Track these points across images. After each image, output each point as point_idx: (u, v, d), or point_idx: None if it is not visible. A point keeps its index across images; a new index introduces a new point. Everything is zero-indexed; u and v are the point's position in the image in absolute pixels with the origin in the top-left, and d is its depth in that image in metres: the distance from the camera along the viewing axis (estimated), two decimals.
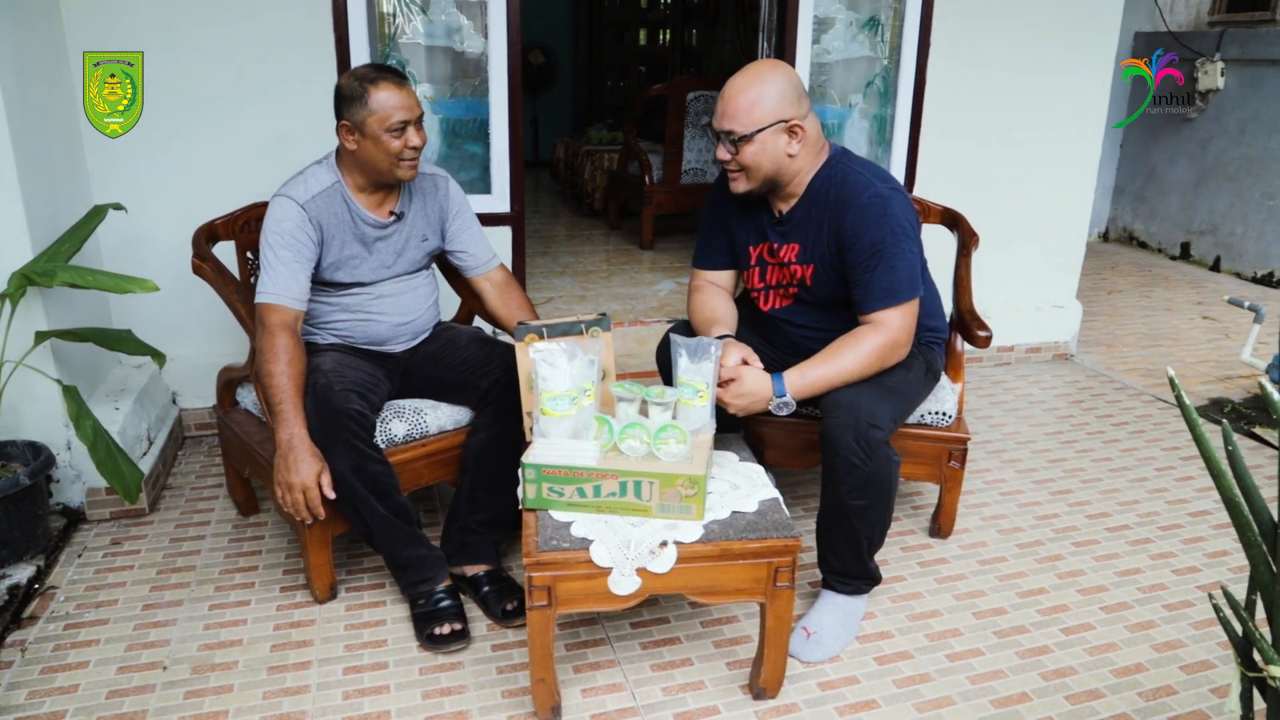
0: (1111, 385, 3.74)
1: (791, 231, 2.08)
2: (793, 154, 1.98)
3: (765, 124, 1.93)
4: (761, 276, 2.18)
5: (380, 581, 2.22)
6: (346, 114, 2.01)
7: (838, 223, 1.98)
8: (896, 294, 1.95)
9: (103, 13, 2.66)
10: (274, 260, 2.02)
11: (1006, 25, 3.52)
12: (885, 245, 1.93)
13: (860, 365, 1.96)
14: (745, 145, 1.95)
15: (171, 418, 2.94)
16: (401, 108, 2.00)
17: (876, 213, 1.94)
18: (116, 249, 2.83)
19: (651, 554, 1.65)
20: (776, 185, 2.03)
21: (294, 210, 2.03)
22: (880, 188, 1.97)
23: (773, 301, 2.18)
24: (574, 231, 5.69)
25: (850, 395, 1.93)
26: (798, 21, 3.25)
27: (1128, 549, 2.48)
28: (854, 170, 2.01)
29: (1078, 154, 3.82)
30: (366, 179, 2.09)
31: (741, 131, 1.93)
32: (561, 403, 1.75)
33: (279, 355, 1.93)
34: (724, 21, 8.15)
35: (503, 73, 3.04)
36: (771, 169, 1.99)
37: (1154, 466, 3.00)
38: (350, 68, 2.86)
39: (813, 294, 2.09)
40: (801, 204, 2.05)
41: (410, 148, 2.03)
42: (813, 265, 2.06)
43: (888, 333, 1.96)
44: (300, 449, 1.86)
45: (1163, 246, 6.10)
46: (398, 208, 2.17)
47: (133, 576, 2.24)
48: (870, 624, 2.12)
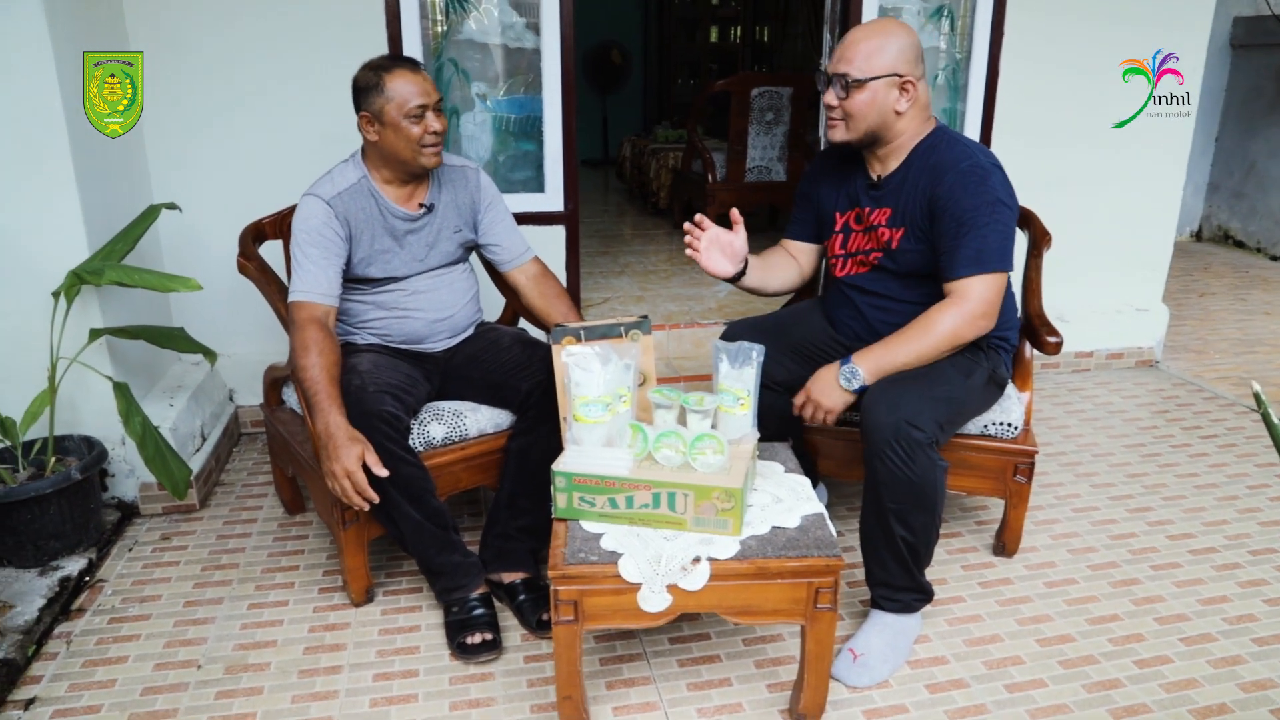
0: (1200, 395, 3.50)
1: (886, 196, 2.03)
2: (900, 111, 1.94)
3: (880, 73, 1.90)
4: (844, 244, 2.14)
5: (417, 585, 2.19)
6: (364, 105, 2.00)
7: (933, 187, 1.94)
8: (984, 261, 1.88)
9: (158, 7, 2.70)
10: (302, 258, 2.01)
11: (1086, 14, 3.32)
12: (980, 212, 1.88)
13: (938, 340, 1.90)
14: (856, 91, 1.92)
15: (227, 414, 2.97)
16: (418, 92, 1.98)
17: (975, 181, 1.89)
18: (176, 246, 2.88)
19: (683, 570, 1.56)
20: (876, 140, 1.99)
21: (320, 207, 2.02)
22: (982, 159, 1.94)
23: (849, 268, 2.14)
24: (637, 231, 5.64)
25: (893, 392, 1.85)
26: (862, 12, 3.12)
27: (1213, 574, 2.29)
28: (958, 141, 1.99)
29: (1166, 148, 3.59)
30: (392, 171, 2.07)
31: (856, 75, 1.91)
32: (594, 409, 1.69)
33: (309, 348, 1.92)
34: (795, 16, 7.99)
35: (556, 69, 2.99)
36: (876, 122, 1.95)
37: (1245, 484, 2.78)
38: None
39: (896, 259, 2.04)
40: (901, 169, 2.01)
41: (431, 132, 2.01)
42: (903, 229, 2.00)
43: (968, 304, 1.89)
44: (338, 435, 1.83)
45: (1262, 246, 5.73)
46: (427, 199, 2.14)
47: (178, 572, 2.26)
48: (923, 647, 2.00)
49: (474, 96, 3.04)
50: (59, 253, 2.27)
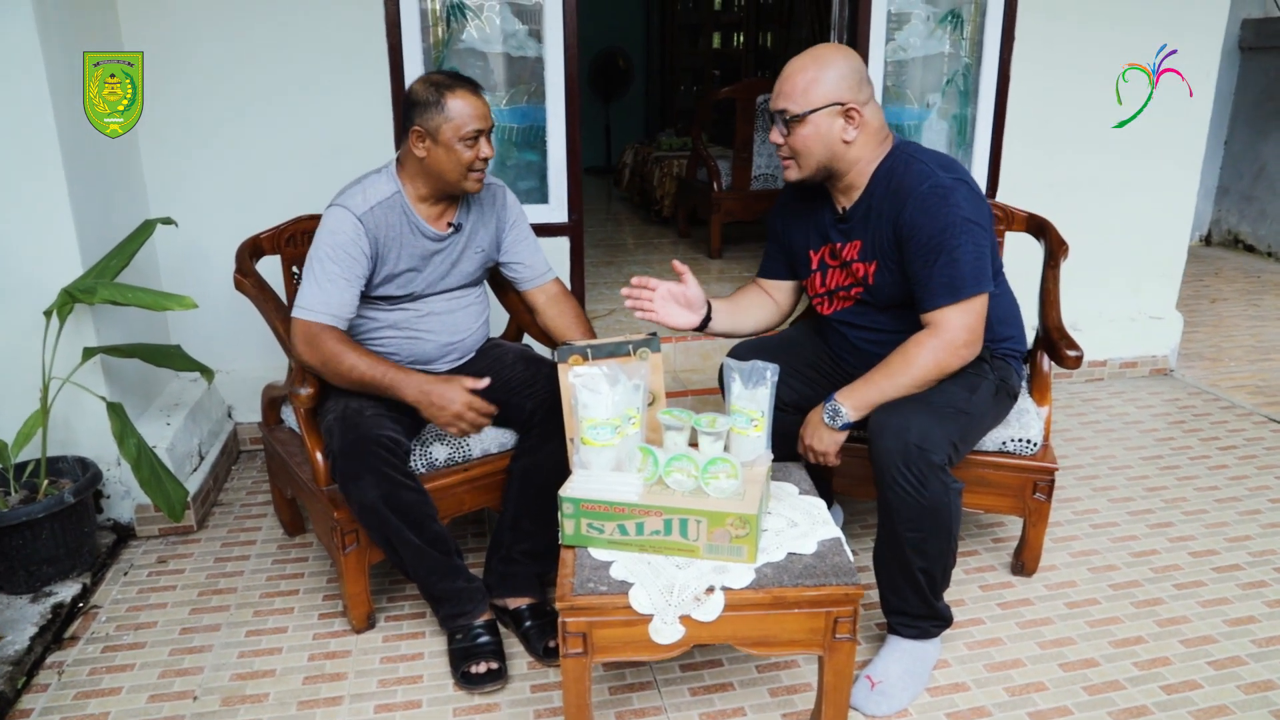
0: (1217, 404, 3.44)
1: (854, 228, 1.95)
2: (848, 140, 1.85)
3: (820, 105, 1.82)
4: (823, 281, 2.05)
5: (420, 610, 2.13)
6: (419, 120, 1.92)
7: (896, 214, 1.84)
8: (958, 289, 1.78)
9: (155, 16, 2.64)
10: (320, 274, 1.93)
11: (1097, 20, 3.26)
12: (946, 236, 1.77)
13: (914, 375, 1.81)
14: (798, 126, 1.84)
15: (225, 432, 2.91)
16: (477, 117, 1.92)
17: (937, 202, 1.79)
18: (174, 262, 2.83)
19: (697, 600, 1.50)
20: (833, 175, 1.91)
21: (350, 222, 1.94)
22: (942, 177, 1.82)
23: (834, 305, 2.06)
24: (641, 240, 5.57)
25: (899, 417, 1.77)
26: (870, 17, 3.07)
27: (1238, 593, 2.23)
28: (917, 160, 1.87)
29: (1179, 153, 3.53)
30: (430, 189, 2.01)
31: (795, 111, 1.83)
32: (603, 431, 1.63)
33: (341, 353, 1.88)
34: (799, 22, 7.94)
35: (559, 77, 2.94)
36: (825, 155, 1.87)
37: (1268, 497, 2.71)
38: (402, 76, 2.81)
39: (875, 294, 1.95)
40: (864, 198, 1.92)
41: (481, 159, 1.95)
42: (875, 261, 1.92)
43: (946, 335, 1.79)
44: (432, 387, 1.86)
45: (1273, 250, 5.66)
46: (456, 219, 2.08)
47: (174, 597, 2.20)
48: (943, 673, 1.93)
49: None
50: (51, 269, 2.22)
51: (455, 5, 2.85)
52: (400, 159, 2.03)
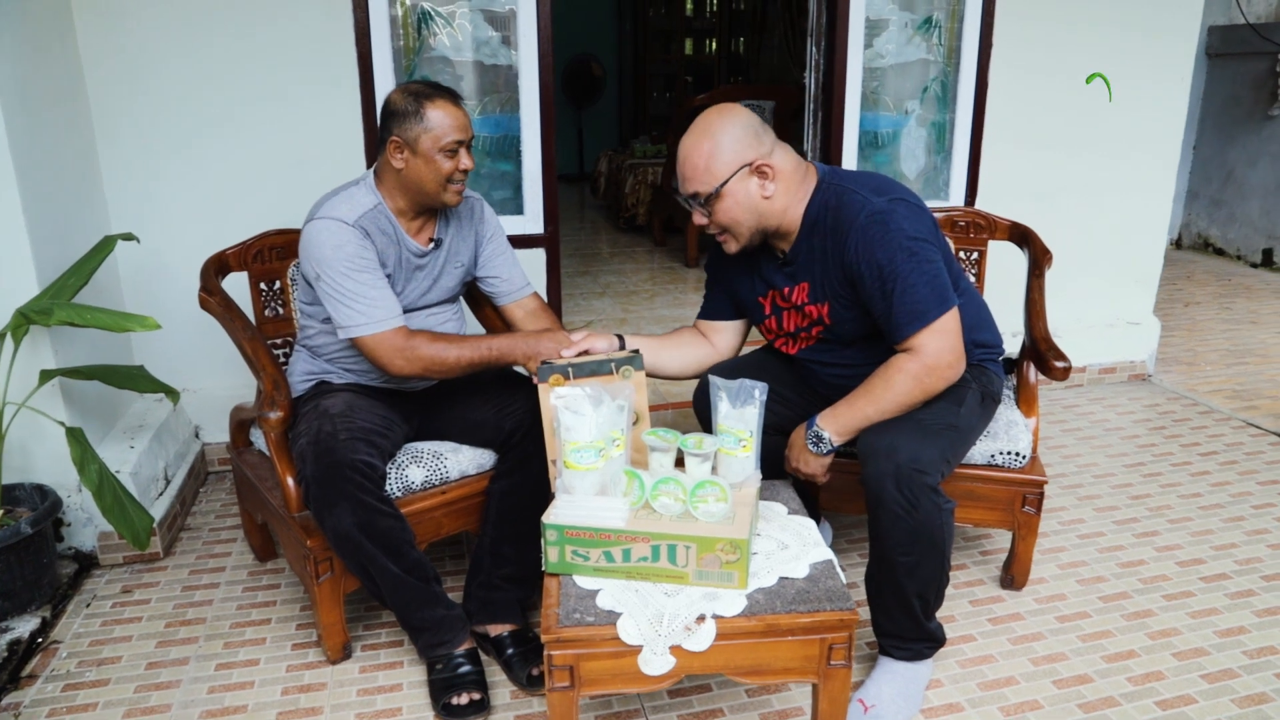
0: (1195, 409, 3.44)
1: (799, 271, 1.88)
2: (768, 195, 1.79)
3: (727, 175, 1.76)
4: (779, 325, 1.99)
5: (398, 639, 2.05)
6: (398, 130, 1.86)
7: (840, 251, 1.78)
8: (924, 315, 1.72)
9: (116, 27, 2.55)
10: (359, 287, 1.83)
11: (1075, 24, 3.26)
12: (897, 265, 1.71)
13: (898, 398, 1.76)
14: (716, 204, 1.78)
15: (193, 454, 2.82)
16: (458, 128, 1.86)
17: (878, 232, 1.73)
18: (137, 279, 2.73)
19: (688, 630, 1.45)
20: (768, 232, 1.85)
21: (346, 231, 1.85)
22: (877, 203, 1.75)
23: (798, 345, 2.00)
24: (616, 249, 5.53)
25: (888, 438, 1.72)
26: (848, 24, 3.04)
27: (1228, 604, 2.21)
28: (847, 189, 1.79)
29: (1155, 159, 3.53)
30: (409, 202, 1.94)
31: (706, 191, 1.77)
32: (586, 455, 1.57)
33: (441, 350, 1.87)
34: (771, 28, 7.94)
35: (534, 86, 2.88)
36: (753, 219, 1.81)
37: (1250, 504, 2.71)
38: (372, 85, 2.74)
39: (835, 332, 1.90)
40: (802, 238, 1.85)
41: (461, 171, 1.89)
42: (827, 303, 1.86)
43: (925, 359, 1.74)
44: (539, 344, 1.88)
45: (1242, 253, 5.72)
46: (436, 234, 2.02)
47: (140, 630, 2.11)
48: (936, 693, 1.89)
49: None
50: (5, 289, 2.13)
51: (426, 12, 2.79)
52: (378, 171, 1.96)
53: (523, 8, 2.80)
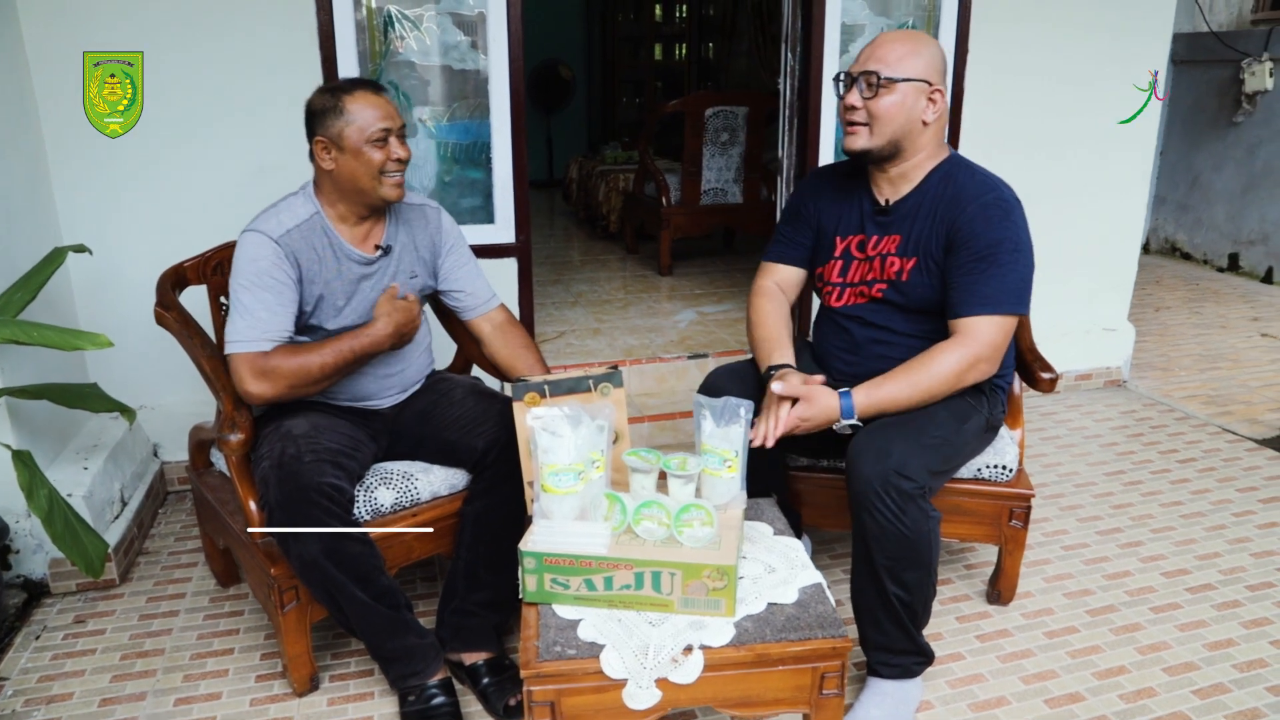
0: (1171, 415, 3.44)
1: (896, 223, 1.88)
2: (927, 121, 1.81)
3: (913, 76, 1.77)
4: (842, 271, 1.97)
5: (368, 668, 1.97)
6: (321, 130, 1.80)
7: (953, 217, 1.80)
8: (999, 302, 1.76)
9: (65, 35, 2.44)
10: (250, 302, 1.77)
11: (1049, 32, 3.25)
12: (1001, 249, 1.75)
13: (937, 383, 1.76)
14: (886, 92, 1.77)
15: (151, 473, 2.71)
16: (382, 115, 1.80)
17: (999, 215, 1.78)
18: (89, 292, 2.62)
19: (674, 662, 1.38)
20: (896, 153, 1.84)
21: (267, 246, 1.78)
22: (1006, 194, 1.83)
23: (847, 298, 1.97)
24: (588, 257, 5.45)
25: (881, 440, 1.69)
26: (824, 28, 3.00)
27: (1215, 615, 2.18)
28: (979, 172, 1.87)
29: (1128, 166, 3.54)
30: (349, 205, 1.86)
31: (888, 74, 1.77)
32: (565, 478, 1.50)
33: (302, 363, 1.77)
34: (741, 34, 7.92)
35: (504, 92, 2.81)
36: (902, 129, 1.80)
37: (1230, 511, 2.69)
38: None
39: (904, 292, 1.88)
40: (914, 195, 1.87)
41: (395, 159, 1.81)
42: (915, 259, 1.86)
43: (974, 346, 1.75)
44: (392, 323, 1.85)
45: (1209, 258, 5.77)
46: (384, 240, 1.93)
47: (94, 662, 2.00)
48: (926, 715, 1.84)
49: (416, 121, 2.83)
50: None
51: (393, 15, 2.70)
52: (315, 179, 1.89)
53: (493, 11, 2.73)
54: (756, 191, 4.85)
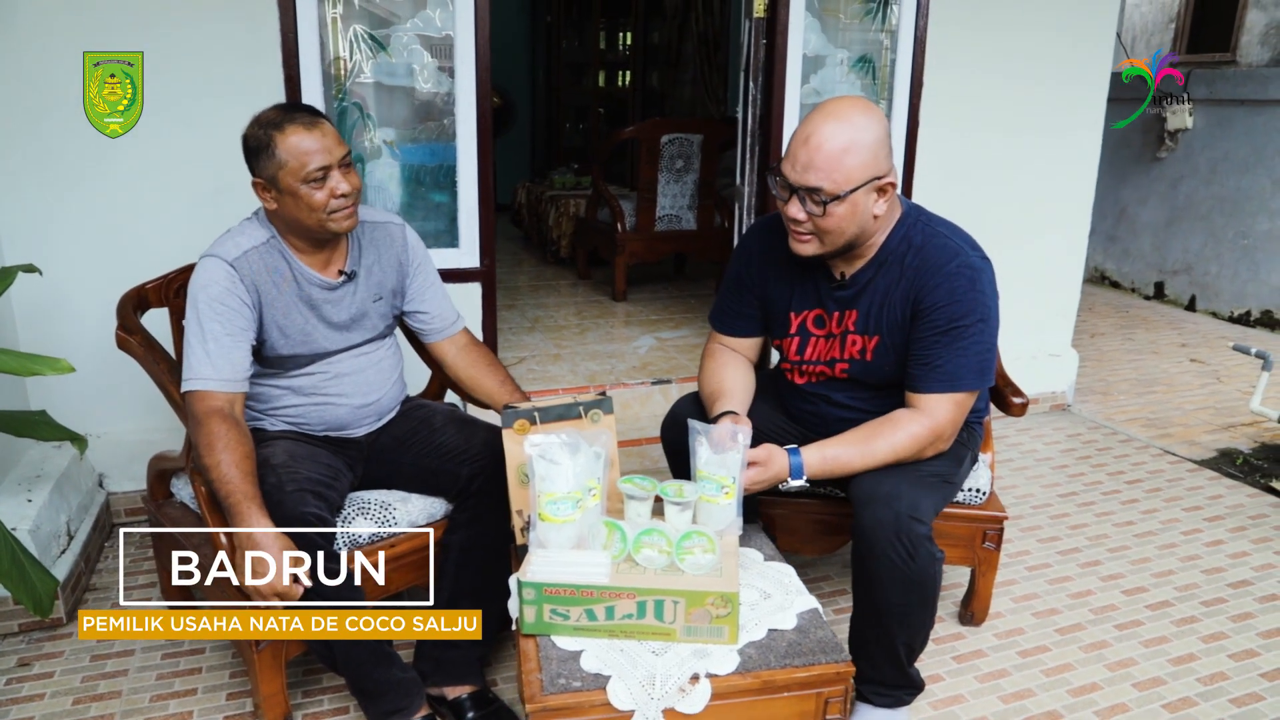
0: (1115, 437, 3.56)
1: (854, 298, 1.78)
2: (878, 215, 1.69)
3: (861, 182, 1.62)
4: (799, 349, 1.87)
5: (344, 705, 1.90)
6: (256, 170, 1.73)
7: (916, 290, 1.71)
8: (958, 381, 1.70)
9: (14, 47, 2.34)
10: (201, 337, 1.70)
11: (998, 70, 3.38)
12: (966, 324, 1.68)
13: (893, 455, 1.72)
14: (835, 206, 1.62)
15: (97, 504, 2.58)
16: (317, 151, 1.69)
17: (965, 285, 1.69)
18: (33, 315, 2.50)
19: (682, 692, 1.36)
20: (851, 248, 1.74)
21: (221, 271, 1.72)
22: (971, 257, 1.72)
23: (811, 376, 1.89)
24: (539, 281, 5.42)
25: (889, 485, 1.67)
26: (786, 60, 3.05)
27: (1175, 630, 2.25)
28: (939, 232, 1.75)
29: (1072, 197, 3.68)
30: (301, 239, 1.80)
31: (833, 191, 1.61)
32: (563, 506, 1.47)
33: (214, 445, 1.62)
34: (686, 63, 8.02)
35: (471, 114, 2.79)
36: (854, 233, 1.69)
37: (1179, 530, 2.79)
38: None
39: (869, 370, 1.81)
40: (870, 266, 1.77)
41: (339, 196, 1.73)
42: (877, 336, 1.77)
43: (933, 425, 1.71)
44: (264, 545, 1.55)
45: (1136, 286, 6.03)
46: (347, 265, 1.87)
47: (43, 709, 1.89)
48: None
49: (380, 144, 2.79)
50: None
51: (359, 34, 2.66)
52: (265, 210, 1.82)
53: (460, 33, 2.71)
54: (711, 218, 4.89)
